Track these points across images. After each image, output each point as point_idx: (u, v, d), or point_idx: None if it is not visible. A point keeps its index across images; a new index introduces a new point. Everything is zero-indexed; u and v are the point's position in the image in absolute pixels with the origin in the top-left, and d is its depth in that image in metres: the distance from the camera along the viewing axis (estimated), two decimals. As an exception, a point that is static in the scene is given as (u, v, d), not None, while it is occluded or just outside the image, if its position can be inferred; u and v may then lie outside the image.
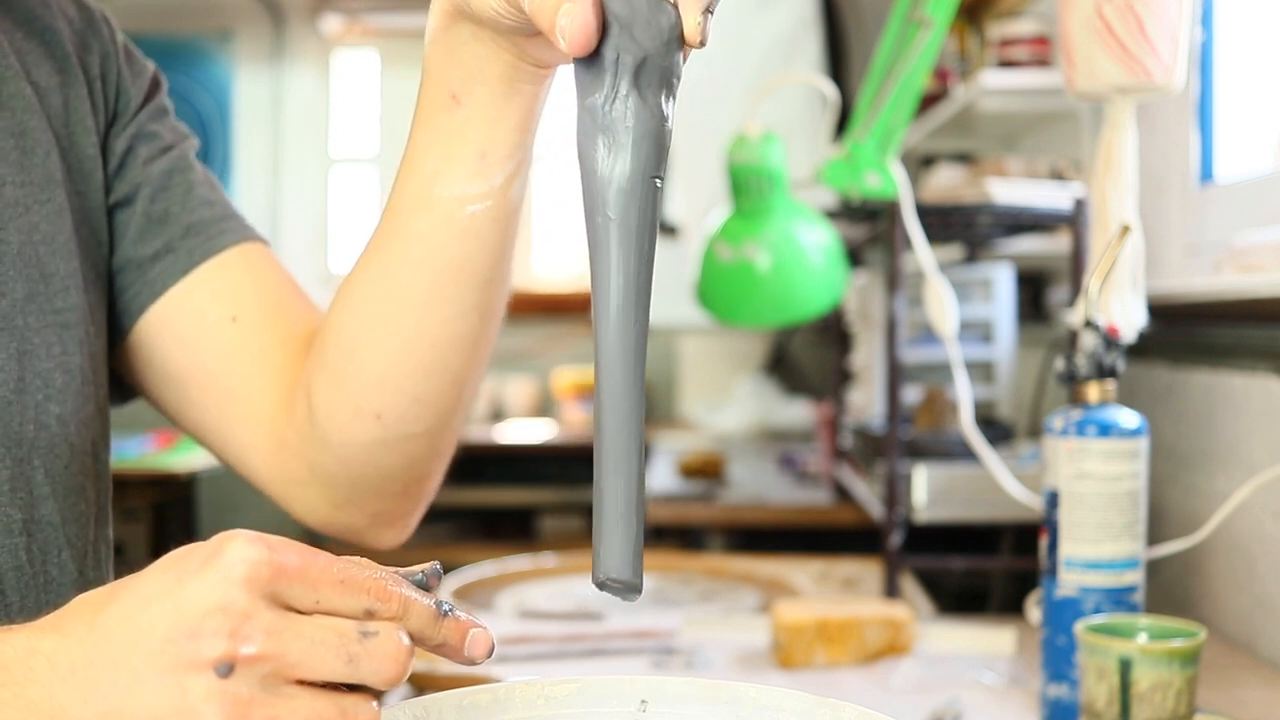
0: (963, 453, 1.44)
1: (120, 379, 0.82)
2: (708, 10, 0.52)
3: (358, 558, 0.50)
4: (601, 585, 0.52)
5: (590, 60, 0.52)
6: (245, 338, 0.79)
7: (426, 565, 0.52)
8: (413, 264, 0.71)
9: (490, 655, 0.51)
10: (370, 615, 0.48)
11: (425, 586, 0.52)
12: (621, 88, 0.52)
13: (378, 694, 0.49)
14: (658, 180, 0.52)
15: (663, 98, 0.52)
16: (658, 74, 0.52)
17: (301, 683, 0.47)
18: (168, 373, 0.80)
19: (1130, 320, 1.19)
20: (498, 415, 4.08)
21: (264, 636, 0.45)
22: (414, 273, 0.71)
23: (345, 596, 0.48)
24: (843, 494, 2.25)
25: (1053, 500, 1.00)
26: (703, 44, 0.52)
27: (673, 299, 3.65)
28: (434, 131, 0.68)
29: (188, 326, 0.78)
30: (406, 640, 0.48)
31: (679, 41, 0.52)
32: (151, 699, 0.46)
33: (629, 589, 0.52)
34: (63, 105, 0.76)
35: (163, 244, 0.78)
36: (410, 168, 0.70)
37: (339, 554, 0.50)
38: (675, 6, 0.52)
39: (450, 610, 0.50)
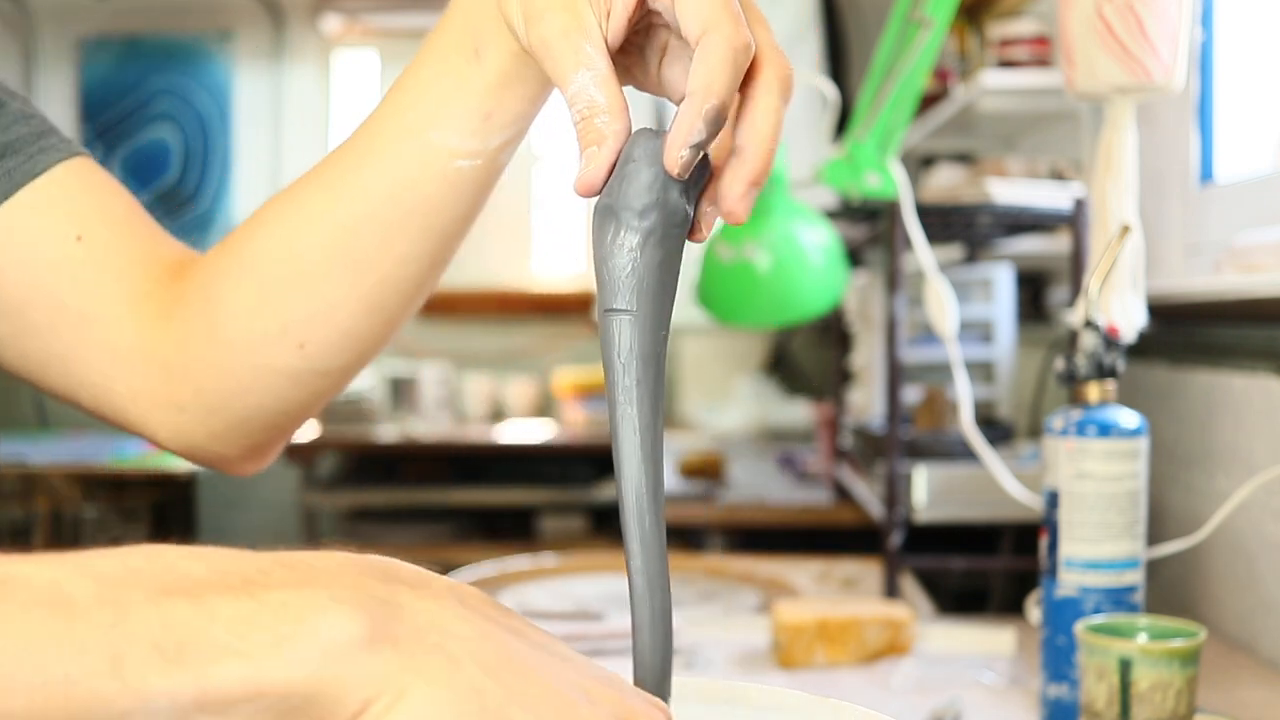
0: (963, 453, 1.44)
1: None
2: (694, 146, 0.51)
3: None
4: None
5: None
6: (96, 257, 0.73)
7: None
8: (384, 195, 0.69)
9: None
10: None
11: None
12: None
13: None
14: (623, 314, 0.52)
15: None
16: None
17: None
18: (3, 304, 0.72)
19: (1130, 320, 1.19)
20: (498, 415, 4.07)
21: None
22: (383, 204, 0.69)
23: None
24: (843, 494, 2.25)
25: (1053, 500, 1.00)
26: (680, 175, 0.51)
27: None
28: (445, 77, 0.66)
29: (24, 248, 0.72)
30: None
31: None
32: None
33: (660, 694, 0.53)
34: None
35: None
36: (408, 103, 0.68)
37: None
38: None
39: None
